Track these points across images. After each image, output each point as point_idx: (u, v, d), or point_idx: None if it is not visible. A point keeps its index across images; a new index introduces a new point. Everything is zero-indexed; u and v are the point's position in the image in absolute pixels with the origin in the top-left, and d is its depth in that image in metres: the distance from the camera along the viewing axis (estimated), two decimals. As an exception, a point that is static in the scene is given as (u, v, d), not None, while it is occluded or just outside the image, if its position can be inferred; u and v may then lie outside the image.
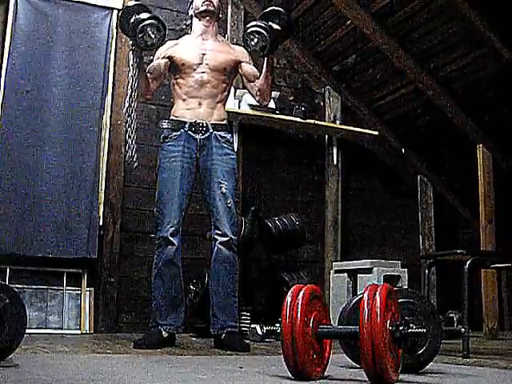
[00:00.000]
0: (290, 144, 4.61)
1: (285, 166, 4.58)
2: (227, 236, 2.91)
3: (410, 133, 4.86)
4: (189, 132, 2.96)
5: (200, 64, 3.01)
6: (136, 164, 2.99)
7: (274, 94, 4.41)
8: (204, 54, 3.03)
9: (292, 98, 4.65)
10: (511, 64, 3.86)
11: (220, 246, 2.91)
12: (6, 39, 3.76)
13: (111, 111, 3.99)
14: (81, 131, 3.85)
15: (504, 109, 4.18)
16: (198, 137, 2.96)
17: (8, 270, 3.64)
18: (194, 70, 3.00)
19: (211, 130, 2.97)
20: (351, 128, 4.70)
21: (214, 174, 2.94)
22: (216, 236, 2.92)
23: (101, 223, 3.87)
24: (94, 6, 4.00)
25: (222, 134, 3.00)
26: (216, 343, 2.87)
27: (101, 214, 3.89)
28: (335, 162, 4.69)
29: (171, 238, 2.87)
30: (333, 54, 4.68)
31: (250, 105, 4.21)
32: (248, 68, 3.08)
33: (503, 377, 1.95)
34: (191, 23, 3.19)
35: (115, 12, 4.05)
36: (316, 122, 4.57)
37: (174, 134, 2.97)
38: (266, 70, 2.93)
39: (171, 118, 3.05)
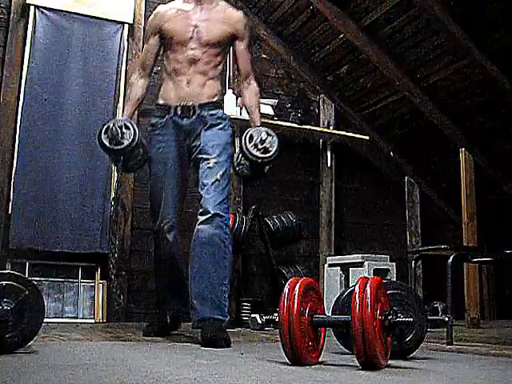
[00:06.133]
0: (287, 148, 4.58)
1: (283, 168, 4.57)
2: (209, 213, 2.34)
3: (398, 137, 4.86)
4: (174, 118, 2.53)
5: (191, 38, 2.50)
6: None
7: (272, 101, 4.42)
8: (196, 27, 2.51)
9: (289, 105, 4.65)
10: (491, 74, 3.86)
11: (199, 227, 2.35)
12: (26, 51, 3.77)
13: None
14: (94, 136, 3.81)
15: (484, 115, 4.18)
16: (184, 122, 2.52)
17: (27, 264, 3.64)
18: (185, 45, 2.51)
19: (198, 111, 2.51)
20: (344, 133, 4.70)
21: (203, 153, 2.48)
22: (198, 216, 2.39)
23: (113, 221, 3.87)
24: (107, 20, 4.00)
25: (212, 112, 2.52)
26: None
27: (113, 212, 3.89)
28: (329, 165, 4.69)
29: (166, 235, 2.56)
30: (327, 65, 4.68)
31: (250, 112, 4.20)
32: (242, 58, 2.61)
33: (484, 362, 1.95)
34: None
35: (126, 26, 4.05)
36: (311, 127, 4.58)
37: (160, 121, 2.57)
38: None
39: (157, 102, 2.62)
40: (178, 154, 2.57)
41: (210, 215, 2.34)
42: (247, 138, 2.45)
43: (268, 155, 2.45)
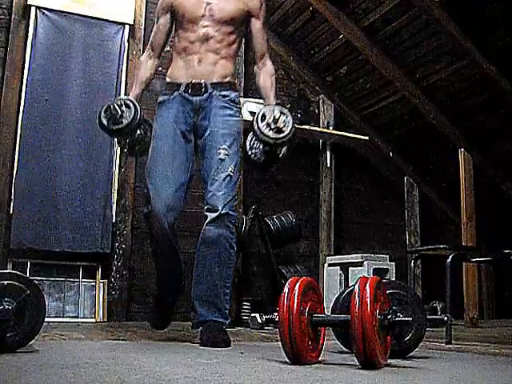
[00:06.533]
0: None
1: (283, 168, 4.58)
2: (217, 211, 2.22)
3: (398, 138, 4.86)
4: (184, 94, 2.34)
5: (203, 16, 2.35)
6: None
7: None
8: (208, 4, 2.36)
9: (289, 105, 4.65)
10: (490, 75, 3.86)
11: (207, 227, 2.24)
12: (27, 52, 3.77)
13: (123, 118, 3.98)
14: (95, 136, 3.84)
15: (483, 115, 4.19)
16: (193, 99, 2.34)
17: (29, 263, 3.64)
18: (197, 23, 2.35)
19: (210, 90, 2.34)
20: (343, 133, 4.70)
21: (212, 139, 2.31)
22: (205, 212, 2.25)
23: (114, 220, 3.87)
24: (108, 21, 4.00)
25: (224, 92, 2.36)
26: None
27: (114, 212, 3.89)
28: (328, 165, 4.69)
29: (161, 217, 2.23)
30: (327, 66, 4.69)
31: (250, 112, 4.21)
32: (257, 37, 2.45)
33: (482, 361, 1.95)
34: None
35: (127, 27, 4.05)
36: (311, 127, 4.58)
37: (168, 98, 2.38)
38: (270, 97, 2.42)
39: (166, 80, 2.44)
40: (181, 132, 2.35)
41: (218, 214, 2.22)
42: (259, 117, 2.29)
43: (282, 135, 2.26)
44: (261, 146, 2.31)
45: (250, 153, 2.34)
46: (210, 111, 2.33)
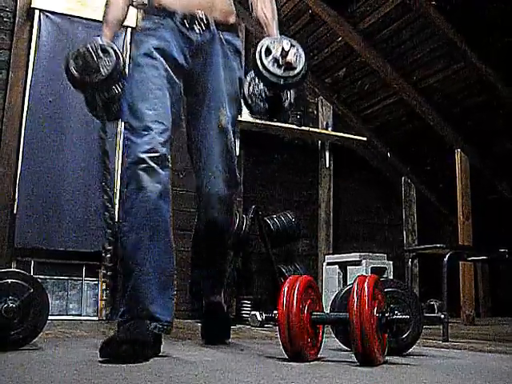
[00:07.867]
0: (286, 149, 4.61)
1: (282, 168, 4.58)
2: (217, 193, 1.86)
3: (395, 138, 4.86)
4: (180, 27, 1.80)
5: None
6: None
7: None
8: None
9: (288, 106, 4.64)
10: (486, 76, 3.86)
11: (211, 213, 1.91)
12: (31, 54, 3.77)
13: (125, 119, 3.98)
14: (98, 136, 3.84)
15: (480, 117, 4.19)
16: (193, 36, 1.81)
17: (32, 262, 3.65)
18: None
19: (213, 28, 1.83)
20: (342, 134, 4.71)
21: (212, 97, 1.84)
22: (207, 191, 1.87)
23: (116, 220, 3.87)
24: (110, 24, 4.00)
25: (229, 37, 1.88)
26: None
27: (116, 212, 3.88)
28: (327, 165, 4.69)
29: (153, 165, 1.62)
30: (325, 68, 4.69)
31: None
32: None
33: (478, 358, 1.95)
34: None
35: (129, 30, 4.05)
36: (310, 128, 4.58)
37: (158, 22, 1.83)
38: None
39: (151, 5, 1.89)
40: (174, 74, 1.79)
41: (221, 197, 1.88)
42: (263, 51, 1.73)
43: (294, 73, 1.73)
44: (264, 92, 1.88)
45: (249, 101, 1.89)
46: (212, 57, 1.84)
